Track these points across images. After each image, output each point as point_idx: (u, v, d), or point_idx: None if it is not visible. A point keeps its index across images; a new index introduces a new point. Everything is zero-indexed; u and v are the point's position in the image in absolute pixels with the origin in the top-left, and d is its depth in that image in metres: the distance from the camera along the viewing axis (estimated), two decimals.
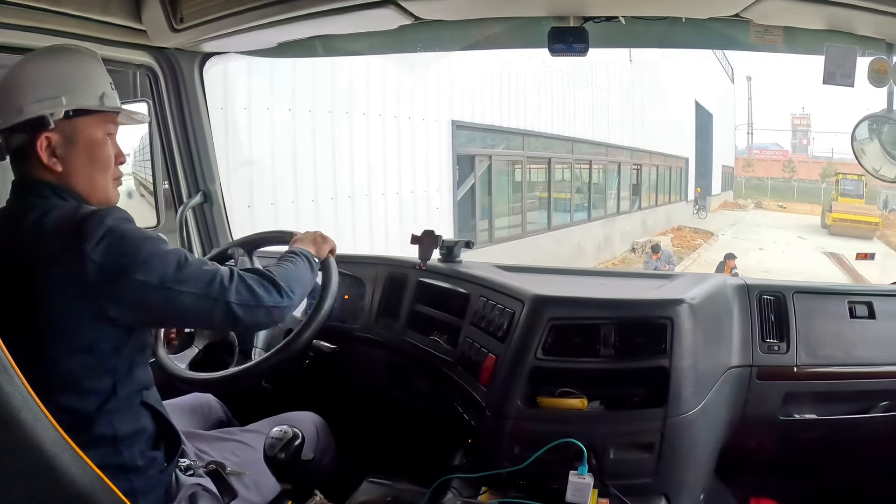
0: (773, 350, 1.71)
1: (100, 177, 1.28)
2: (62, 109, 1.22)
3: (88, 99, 1.26)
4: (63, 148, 1.23)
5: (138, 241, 1.20)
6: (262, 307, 1.32)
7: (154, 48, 2.05)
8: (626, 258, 16.35)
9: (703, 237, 21.30)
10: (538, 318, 1.54)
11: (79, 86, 1.25)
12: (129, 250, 1.19)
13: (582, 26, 1.72)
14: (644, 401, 1.50)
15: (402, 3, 1.61)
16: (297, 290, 1.41)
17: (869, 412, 1.75)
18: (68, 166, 1.24)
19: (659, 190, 21.13)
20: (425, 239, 1.99)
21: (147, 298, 1.20)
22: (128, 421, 1.24)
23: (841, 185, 24.05)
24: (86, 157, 1.26)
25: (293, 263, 1.51)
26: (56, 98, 1.21)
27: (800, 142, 45.23)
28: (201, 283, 1.25)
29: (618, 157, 17.03)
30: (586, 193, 15.52)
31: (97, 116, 1.27)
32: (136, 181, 2.06)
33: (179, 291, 1.22)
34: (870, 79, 1.64)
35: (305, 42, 2.05)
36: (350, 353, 1.93)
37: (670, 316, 1.51)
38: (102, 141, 1.28)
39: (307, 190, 7.27)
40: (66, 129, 1.23)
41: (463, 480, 1.51)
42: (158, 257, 1.21)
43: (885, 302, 1.79)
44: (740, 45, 1.87)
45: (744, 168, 41.57)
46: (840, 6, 1.45)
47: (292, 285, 1.40)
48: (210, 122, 2.29)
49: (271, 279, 1.36)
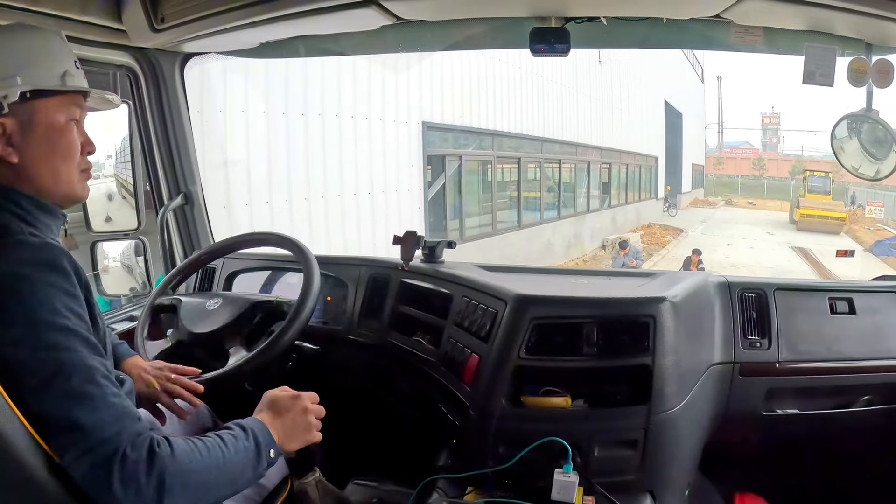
0: (755, 346, 1.72)
1: (63, 167, 1.10)
2: (17, 90, 1.04)
3: (47, 78, 1.08)
4: (19, 135, 1.05)
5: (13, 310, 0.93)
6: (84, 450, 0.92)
7: (134, 48, 2.03)
8: (597, 255, 16.55)
9: (672, 234, 21.53)
10: (521, 317, 1.54)
11: (36, 63, 1.07)
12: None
13: (563, 27, 1.73)
14: (628, 398, 1.50)
15: (383, 4, 1.61)
16: (186, 498, 0.97)
17: (850, 407, 1.78)
18: (26, 156, 1.05)
19: (629, 188, 21.38)
20: (407, 239, 1.98)
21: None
22: None
23: (808, 181, 24.62)
24: (46, 144, 1.07)
25: (227, 450, 1.05)
26: (10, 78, 1.04)
27: (770, 140, 46.28)
28: (47, 421, 0.92)
29: (587, 157, 17.24)
30: (556, 192, 15.73)
31: (59, 98, 1.09)
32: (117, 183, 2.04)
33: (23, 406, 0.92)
34: (849, 78, 1.66)
35: (287, 42, 2.04)
36: (333, 355, 1.92)
37: (652, 314, 1.51)
38: (66, 126, 1.10)
39: (281, 190, 7.34)
40: (21, 114, 1.05)
41: (448, 481, 1.51)
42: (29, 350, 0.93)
43: (866, 298, 1.82)
44: (721, 46, 1.89)
45: (714, 166, 42.38)
46: (820, 7, 1.46)
47: (188, 491, 0.97)
48: (191, 122, 2.27)
49: (158, 480, 0.93)
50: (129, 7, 1.80)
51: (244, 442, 1.08)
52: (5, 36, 1.08)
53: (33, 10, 1.60)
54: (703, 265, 11.54)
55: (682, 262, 12.79)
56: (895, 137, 1.74)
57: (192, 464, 0.98)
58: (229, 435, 1.07)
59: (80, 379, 0.93)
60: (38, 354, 0.92)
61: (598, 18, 1.77)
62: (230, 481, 1.05)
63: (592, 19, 1.76)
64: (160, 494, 0.92)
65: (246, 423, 1.12)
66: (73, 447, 0.91)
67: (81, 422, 0.91)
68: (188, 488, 0.97)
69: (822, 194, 23.94)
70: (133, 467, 0.91)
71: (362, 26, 1.79)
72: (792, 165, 39.53)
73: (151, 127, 2.21)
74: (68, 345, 0.94)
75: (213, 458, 1.02)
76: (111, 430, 0.92)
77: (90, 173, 1.17)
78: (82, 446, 0.91)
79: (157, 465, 0.93)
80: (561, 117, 15.14)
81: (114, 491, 0.90)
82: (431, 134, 10.43)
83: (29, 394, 0.91)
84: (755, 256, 17.58)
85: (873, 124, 1.78)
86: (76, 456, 0.91)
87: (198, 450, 1.00)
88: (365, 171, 8.83)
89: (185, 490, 0.96)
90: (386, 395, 1.97)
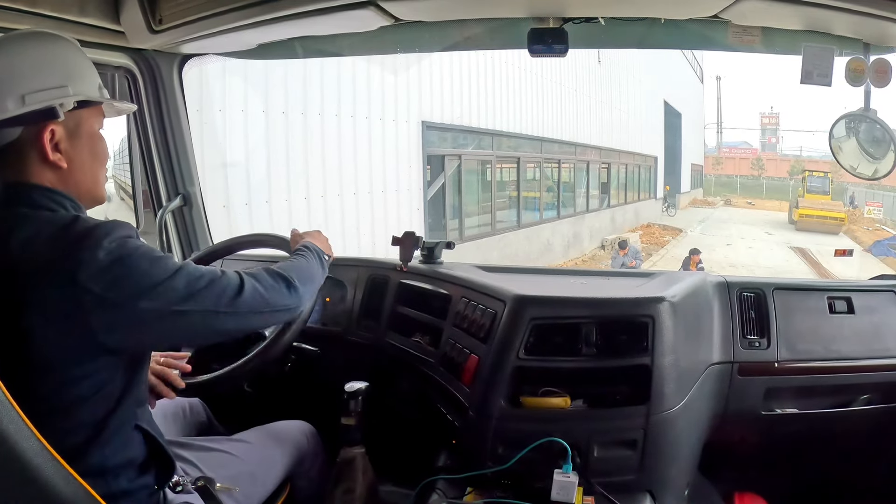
0: (754, 346, 1.73)
1: (100, 172, 1.20)
2: (71, 100, 1.11)
3: (91, 89, 1.17)
4: (67, 142, 1.13)
5: (143, 266, 1.09)
6: (274, 311, 1.27)
7: (133, 50, 2.02)
8: (596, 255, 16.49)
9: (671, 234, 21.47)
10: (520, 317, 1.54)
11: (81, 76, 1.16)
12: (133, 278, 1.07)
13: (561, 27, 1.73)
14: (627, 398, 1.51)
15: (381, 5, 1.61)
16: (308, 287, 1.38)
17: (849, 406, 1.78)
18: (73, 161, 1.13)
19: (628, 188, 21.32)
20: (406, 240, 1.98)
21: (153, 325, 1.10)
22: (119, 451, 1.15)
23: (807, 181, 24.62)
24: (89, 151, 1.17)
25: (305, 259, 1.46)
26: (63, 87, 1.11)
27: (768, 140, 46.53)
28: (210, 300, 1.15)
29: (587, 156, 17.15)
30: (556, 192, 15.65)
31: (97, 108, 1.19)
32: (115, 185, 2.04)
33: (189, 311, 1.12)
34: (847, 78, 1.65)
35: (285, 43, 2.04)
36: (332, 356, 1.92)
37: (651, 314, 1.52)
38: (99, 134, 1.20)
39: (281, 190, 7.33)
40: (69, 122, 1.13)
41: (448, 481, 1.51)
42: (165, 281, 1.10)
43: (864, 297, 1.82)
44: (719, 46, 1.88)
45: (713, 166, 42.63)
46: (818, 7, 1.46)
47: (304, 283, 1.35)
48: (189, 124, 2.27)
49: (284, 277, 1.30)
50: (128, 8, 1.80)
51: (311, 254, 1.50)
52: (54, 46, 1.15)
53: (32, 11, 1.60)
54: (703, 265, 11.49)
55: (681, 262, 12.71)
56: (893, 137, 1.74)
57: (291, 266, 1.38)
58: (302, 251, 1.51)
59: (235, 282, 1.22)
60: (211, 285, 1.17)
61: (595, 19, 1.76)
62: (318, 275, 1.48)
63: (590, 20, 1.76)
64: (301, 287, 1.33)
65: (306, 244, 1.55)
66: (284, 309, 1.30)
67: (269, 299, 1.26)
68: (304, 280, 1.37)
69: (821, 194, 23.99)
70: (263, 279, 1.27)
71: (360, 27, 1.79)
72: (791, 165, 39.72)
73: (150, 128, 2.20)
74: (179, 262, 1.17)
75: (309, 265, 1.45)
76: (235, 275, 1.23)
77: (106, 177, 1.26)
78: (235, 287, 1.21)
79: (295, 280, 1.32)
80: (560, 117, 15.12)
81: (284, 296, 1.29)
82: (431, 133, 10.40)
83: (225, 317, 1.19)
84: (754, 256, 17.59)
85: (871, 124, 1.78)
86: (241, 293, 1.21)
87: (301, 266, 1.42)
88: (364, 171, 8.81)
89: (303, 280, 1.36)
90: (385, 395, 1.96)
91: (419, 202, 10.26)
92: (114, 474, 1.14)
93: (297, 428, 1.70)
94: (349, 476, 1.62)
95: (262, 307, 1.24)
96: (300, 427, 1.71)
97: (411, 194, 10.02)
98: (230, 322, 1.20)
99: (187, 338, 1.35)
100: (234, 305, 1.19)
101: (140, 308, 1.07)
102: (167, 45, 1.99)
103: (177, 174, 2.27)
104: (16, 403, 0.88)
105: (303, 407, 1.84)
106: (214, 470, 1.39)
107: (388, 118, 9.36)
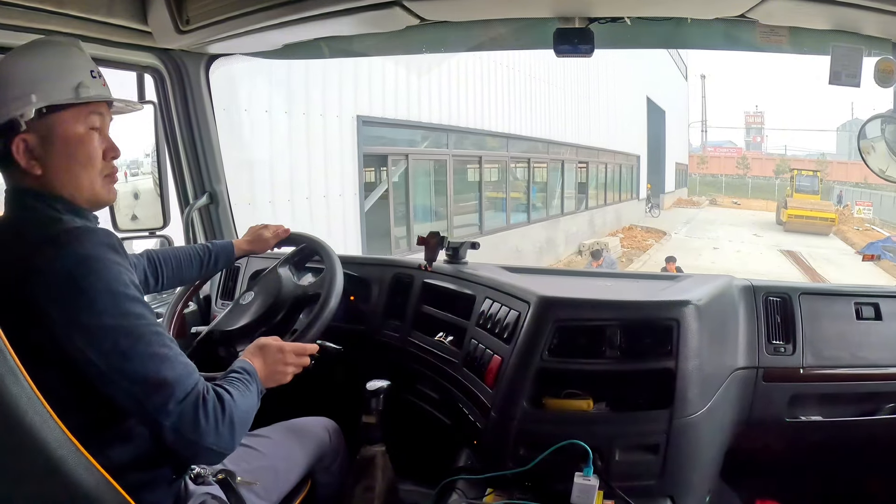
0: (779, 352, 1.70)
1: (84, 175, 1.16)
2: (32, 108, 1.11)
3: (61, 92, 1.14)
4: (41, 148, 1.13)
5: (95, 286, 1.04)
6: (198, 445, 1.09)
7: (160, 50, 2.05)
8: (572, 261, 15.67)
9: (654, 237, 20.93)
10: (544, 319, 1.53)
11: (50, 80, 1.14)
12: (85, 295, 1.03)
13: (587, 27, 1.72)
14: (650, 402, 1.49)
15: (407, 5, 1.61)
16: (241, 433, 1.17)
17: (875, 414, 1.75)
18: (48, 168, 1.13)
19: (608, 188, 20.56)
20: (430, 240, 2.00)
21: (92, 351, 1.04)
22: (141, 444, 1.15)
23: (796, 181, 24.34)
24: (65, 155, 1.14)
25: (250, 392, 1.23)
26: (25, 97, 1.11)
27: (753, 139, 46.69)
28: (143, 382, 1.06)
29: (561, 155, 16.13)
30: (525, 193, 14.59)
31: (75, 110, 1.16)
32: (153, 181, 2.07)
33: (117, 370, 1.05)
34: (876, 79, 1.63)
35: (311, 43, 2.06)
36: (355, 354, 1.93)
37: (676, 317, 1.50)
38: (84, 136, 1.16)
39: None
40: (40, 128, 1.12)
41: (468, 481, 1.51)
42: (114, 319, 1.04)
43: (892, 303, 1.79)
44: (746, 46, 1.87)
45: (698, 165, 42.71)
46: (846, 6, 1.44)
47: (243, 427, 1.18)
48: (216, 123, 2.29)
49: (229, 417, 1.12)
50: (155, 9, 1.82)
51: (253, 385, 1.25)
52: (21, 56, 1.15)
53: (60, 12, 1.63)
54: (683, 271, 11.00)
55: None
56: None
57: (240, 403, 1.17)
58: (246, 378, 1.25)
59: (158, 342, 1.08)
60: (122, 322, 1.05)
61: (622, 19, 1.75)
62: (251, 416, 1.23)
63: (616, 20, 1.75)
64: (232, 427, 1.13)
65: (248, 368, 1.28)
66: (171, 399, 1.06)
67: (170, 378, 1.07)
68: (244, 423, 1.18)
69: (811, 194, 23.73)
70: (212, 406, 1.10)
71: (386, 27, 1.80)
72: (776, 164, 39.78)
73: (177, 127, 2.24)
74: (140, 312, 1.08)
75: (247, 398, 1.21)
76: (192, 381, 1.10)
77: (115, 177, 1.24)
78: (177, 397, 1.07)
79: (227, 405, 1.13)
80: (531, 112, 13.99)
81: (201, 428, 1.08)
82: (368, 129, 9.04)
83: (118, 357, 1.05)
84: (743, 261, 16.99)
85: None
86: (173, 406, 1.06)
87: (240, 392, 1.19)
88: (297, 174, 7.86)
89: (242, 423, 1.17)
90: (407, 394, 1.97)
91: (354, 208, 8.86)
92: (135, 466, 1.16)
93: (320, 424, 1.71)
94: (369, 474, 1.64)
95: (188, 433, 1.08)
96: (323, 423, 1.72)
97: (344, 200, 8.64)
98: (146, 421, 1.09)
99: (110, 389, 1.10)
100: (159, 409, 1.06)
101: (82, 324, 1.04)
102: (194, 46, 2.01)
103: (203, 172, 2.31)
104: (41, 395, 0.90)
105: (325, 404, 1.86)
106: (236, 463, 1.40)
107: (314, 112, 8.07)
